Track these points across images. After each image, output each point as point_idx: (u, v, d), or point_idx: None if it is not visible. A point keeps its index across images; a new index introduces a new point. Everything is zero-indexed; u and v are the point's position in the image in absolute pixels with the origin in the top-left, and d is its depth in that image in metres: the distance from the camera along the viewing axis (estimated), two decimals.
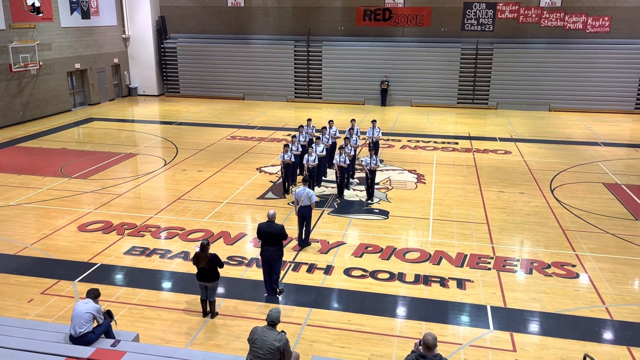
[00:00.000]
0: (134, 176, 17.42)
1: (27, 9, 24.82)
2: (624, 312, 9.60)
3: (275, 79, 32.38)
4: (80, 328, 7.40)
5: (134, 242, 12.32)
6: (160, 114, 28.61)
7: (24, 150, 20.60)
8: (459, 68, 30.19)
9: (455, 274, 10.91)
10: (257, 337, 6.62)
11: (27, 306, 9.62)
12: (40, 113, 26.23)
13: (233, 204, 14.78)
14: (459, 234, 12.93)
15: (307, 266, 11.18)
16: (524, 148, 21.36)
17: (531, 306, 9.75)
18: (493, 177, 17.41)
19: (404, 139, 22.78)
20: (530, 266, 11.29)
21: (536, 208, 14.68)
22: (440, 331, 8.91)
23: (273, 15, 32.17)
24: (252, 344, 6.64)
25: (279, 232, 9.73)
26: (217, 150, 20.55)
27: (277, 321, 6.74)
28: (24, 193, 15.60)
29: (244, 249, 12.01)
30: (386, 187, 16.33)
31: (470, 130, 24.57)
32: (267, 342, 6.55)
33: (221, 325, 9.11)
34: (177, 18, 33.30)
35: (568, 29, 29.28)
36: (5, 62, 23.78)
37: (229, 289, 10.25)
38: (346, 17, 31.31)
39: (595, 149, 21.37)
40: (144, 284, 10.43)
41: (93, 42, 29.91)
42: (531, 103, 29.81)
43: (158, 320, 9.22)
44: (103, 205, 14.63)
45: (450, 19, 30.22)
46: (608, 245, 12.36)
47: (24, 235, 12.68)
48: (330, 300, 9.97)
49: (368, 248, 12.04)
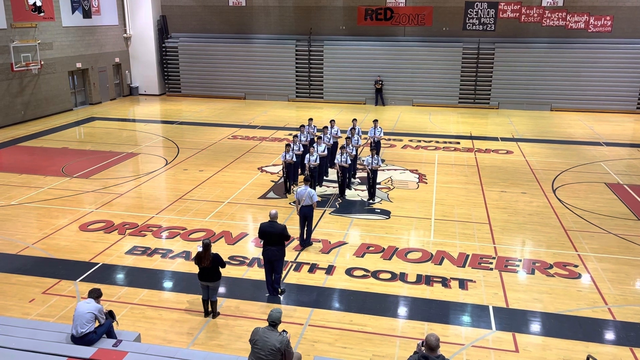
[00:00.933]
0: (135, 176, 17.41)
1: (28, 8, 24.81)
2: (627, 313, 9.58)
3: (276, 79, 32.37)
4: (82, 328, 7.39)
5: (135, 241, 12.31)
6: (162, 113, 28.60)
7: (26, 149, 20.60)
8: (461, 67, 30.16)
9: (457, 274, 10.88)
10: (258, 337, 6.61)
11: (28, 306, 9.61)
12: (41, 112, 26.24)
13: (234, 204, 14.77)
14: (461, 234, 12.91)
15: (309, 266, 11.16)
16: (525, 148, 21.33)
17: (533, 306, 9.73)
18: (495, 177, 17.38)
19: (406, 138, 22.75)
20: (532, 266, 11.26)
21: (538, 208, 14.66)
22: (442, 331, 8.89)
23: (274, 15, 32.15)
24: (254, 345, 6.63)
25: (281, 232, 9.70)
26: (219, 150, 20.54)
27: (278, 322, 6.72)
28: (25, 192, 15.60)
29: (246, 249, 12.00)
30: (388, 187, 16.30)
31: (472, 130, 24.54)
32: (268, 342, 6.53)
33: (223, 325, 9.10)
34: (179, 17, 33.29)
35: (570, 28, 29.24)
36: (6, 62, 23.78)
37: (231, 289, 10.24)
38: (347, 16, 31.29)
39: (597, 148, 21.33)
40: (145, 284, 10.42)
41: (94, 41, 29.91)
42: (533, 103, 29.77)
43: (159, 320, 9.21)
44: (104, 205, 14.62)
45: (452, 18, 30.18)
46: (610, 246, 12.33)
47: (26, 235, 12.67)
48: (332, 301, 9.95)
49: (370, 248, 12.02)
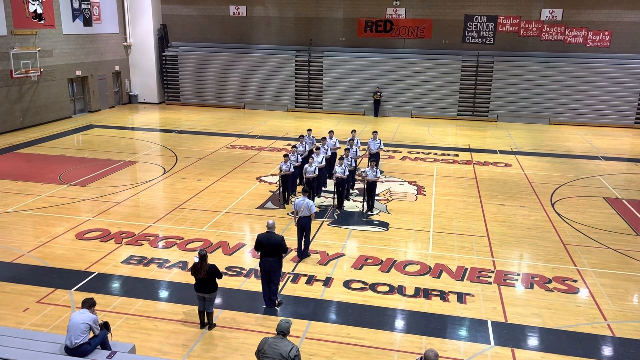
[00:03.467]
0: (133, 184, 17.35)
1: (29, 15, 24.86)
2: (626, 329, 9.51)
3: (276, 89, 32.43)
4: (77, 339, 7.30)
5: (131, 250, 12.22)
6: (161, 121, 28.59)
7: (23, 156, 20.53)
8: (460, 80, 30.27)
9: (456, 287, 10.81)
10: (267, 347, 6.47)
11: (22, 315, 9.50)
12: (40, 119, 26.20)
13: (232, 214, 14.70)
14: (459, 247, 12.85)
15: (306, 278, 11.08)
16: (524, 161, 21.34)
17: (532, 321, 9.65)
18: (493, 190, 17.36)
19: (404, 150, 22.75)
20: (531, 281, 11.20)
21: (537, 222, 14.62)
22: (441, 346, 8.81)
23: (275, 25, 32.28)
24: (262, 355, 6.49)
25: (278, 243, 9.63)
26: (217, 159, 20.50)
27: (287, 332, 6.61)
28: (21, 200, 15.51)
29: (243, 260, 11.92)
30: (386, 199, 16.26)
31: (471, 143, 24.56)
32: (278, 350, 6.40)
33: (219, 337, 9.00)
34: (179, 26, 33.41)
35: (568, 42, 29.40)
36: (6, 68, 23.78)
37: (227, 300, 10.14)
38: (347, 28, 31.44)
39: (596, 162, 21.35)
40: (141, 294, 10.32)
41: (94, 49, 29.96)
42: (531, 116, 29.85)
43: (155, 332, 9.11)
44: (101, 213, 14.54)
45: (451, 31, 30.35)
46: (609, 261, 12.28)
47: (21, 243, 12.57)
48: (329, 313, 9.86)
49: (368, 260, 11.95)
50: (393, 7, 30.51)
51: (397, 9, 30.49)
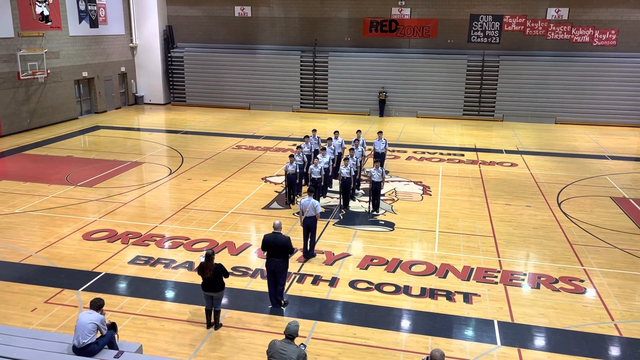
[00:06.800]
0: (139, 185, 17.42)
1: (36, 17, 25.01)
2: (633, 329, 9.46)
3: (281, 89, 32.47)
4: (84, 339, 7.34)
5: (138, 251, 12.28)
6: (166, 122, 28.69)
7: (30, 157, 20.66)
8: (465, 80, 30.20)
9: (462, 287, 10.80)
10: (275, 351, 6.56)
11: (30, 315, 9.57)
12: (47, 121, 26.35)
13: (238, 214, 14.74)
14: (465, 246, 12.83)
15: (312, 278, 11.10)
16: (530, 160, 21.27)
17: (539, 321, 9.62)
18: (499, 190, 17.31)
19: (410, 150, 22.73)
20: (537, 280, 11.17)
21: (543, 221, 14.57)
22: (447, 346, 8.80)
23: (280, 26, 32.32)
24: (271, 359, 6.59)
25: (284, 244, 9.65)
26: (223, 160, 20.55)
27: (295, 335, 6.66)
28: (29, 200, 15.61)
29: (249, 260, 11.94)
30: (392, 199, 16.25)
31: (476, 142, 24.51)
32: (285, 356, 6.47)
33: (225, 336, 9.03)
34: (184, 27, 33.51)
35: (575, 41, 29.28)
36: (13, 70, 23.93)
37: (233, 300, 10.17)
38: (353, 28, 31.43)
39: (603, 162, 21.25)
40: (148, 294, 10.36)
41: (101, 50, 30.10)
42: (537, 115, 29.75)
43: (162, 331, 9.15)
44: (108, 214, 14.61)
45: (457, 31, 30.28)
46: (617, 261, 12.23)
47: (29, 243, 12.66)
48: (335, 313, 9.87)
49: (373, 260, 11.95)
50: (398, 7, 30.48)
51: (402, 8, 30.45)
